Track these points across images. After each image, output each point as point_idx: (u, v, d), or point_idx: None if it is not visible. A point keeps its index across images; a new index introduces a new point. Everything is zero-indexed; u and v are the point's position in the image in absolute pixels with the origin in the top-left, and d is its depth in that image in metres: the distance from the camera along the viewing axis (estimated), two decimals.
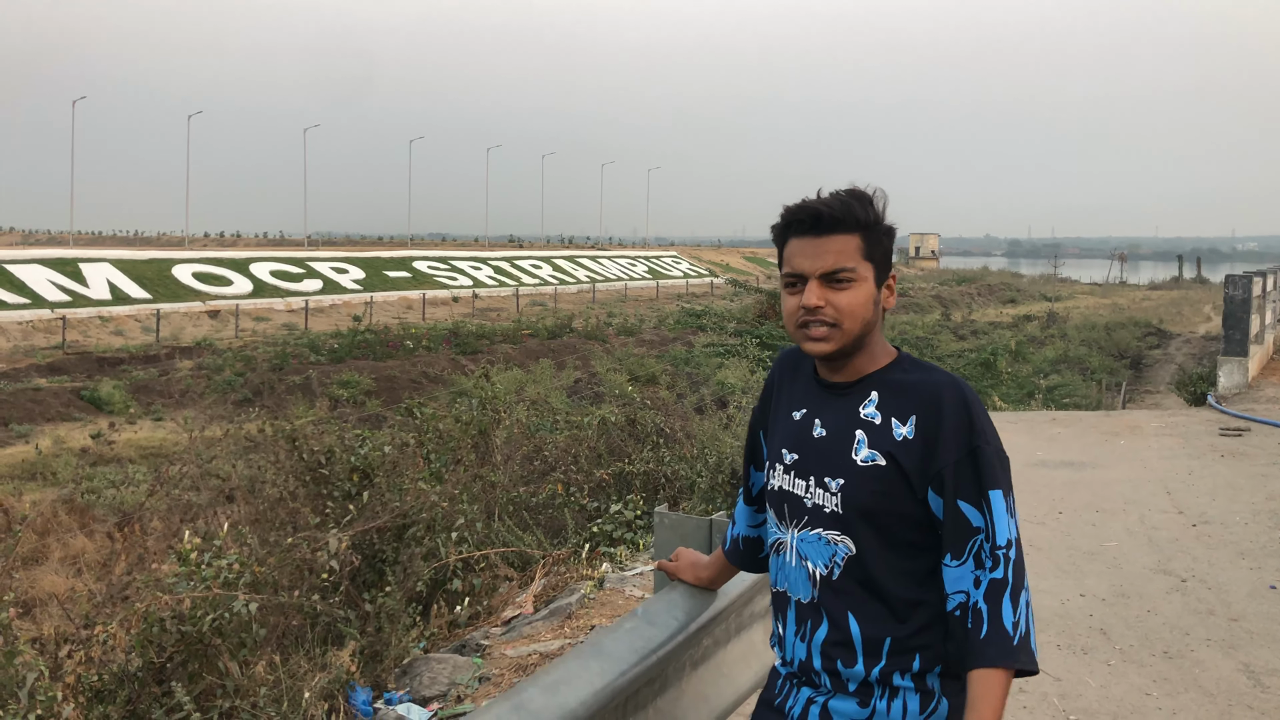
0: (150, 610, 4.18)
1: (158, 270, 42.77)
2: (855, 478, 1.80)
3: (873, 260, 1.83)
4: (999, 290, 70.39)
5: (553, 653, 4.50)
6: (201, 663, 4.24)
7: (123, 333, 34.94)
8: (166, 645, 4.19)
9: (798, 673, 1.92)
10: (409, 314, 44.38)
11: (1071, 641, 4.78)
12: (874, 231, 1.83)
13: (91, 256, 43.27)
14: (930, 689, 1.78)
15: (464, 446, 7.08)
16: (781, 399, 2.01)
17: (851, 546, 1.81)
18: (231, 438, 7.08)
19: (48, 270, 38.95)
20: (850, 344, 1.82)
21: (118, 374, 26.44)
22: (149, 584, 4.35)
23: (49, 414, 21.66)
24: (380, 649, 4.60)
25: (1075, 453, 9.29)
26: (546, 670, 2.08)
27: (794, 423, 1.93)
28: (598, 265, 67.97)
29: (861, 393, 1.85)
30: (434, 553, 5.45)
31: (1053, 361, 26.60)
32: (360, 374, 25.15)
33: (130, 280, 40.54)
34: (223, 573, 4.46)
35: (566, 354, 30.00)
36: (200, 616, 4.21)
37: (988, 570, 1.69)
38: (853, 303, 1.80)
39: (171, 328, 35.88)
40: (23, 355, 29.58)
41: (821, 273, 1.79)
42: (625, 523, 6.90)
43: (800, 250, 1.82)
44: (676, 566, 2.51)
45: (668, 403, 10.89)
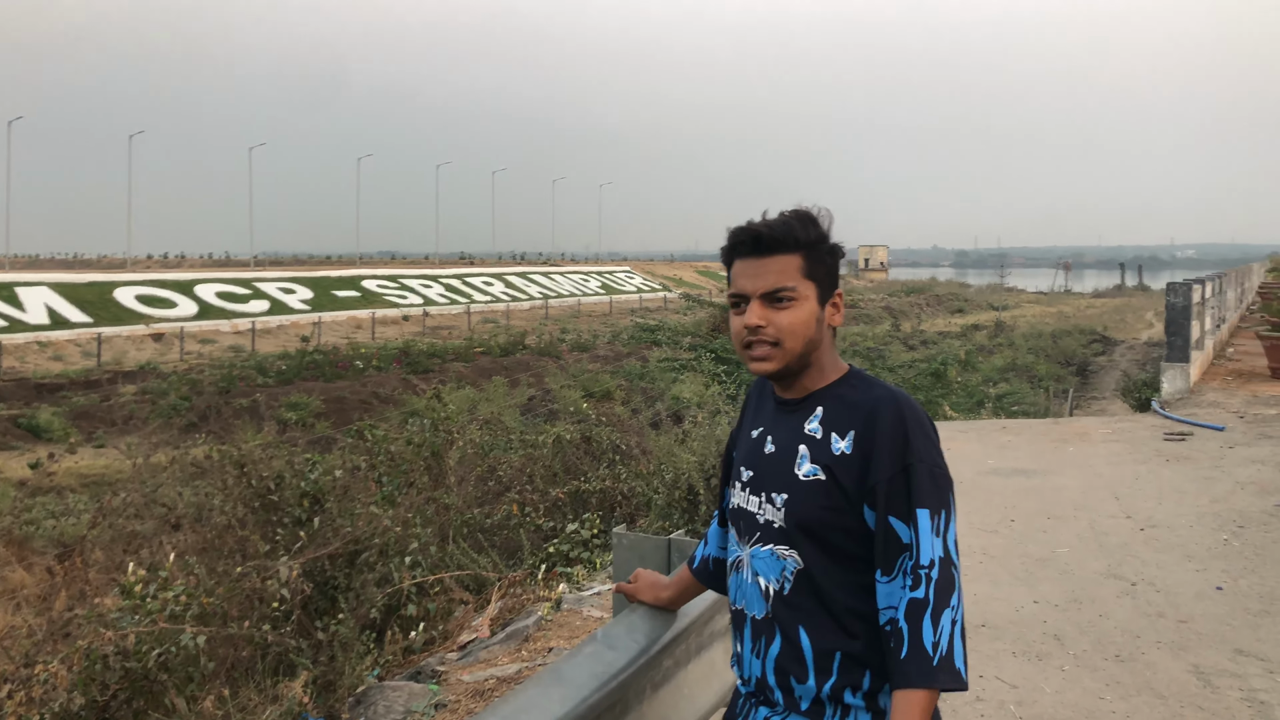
0: (93, 647, 4.06)
1: (99, 293, 41.89)
2: (798, 492, 1.82)
3: (814, 279, 1.85)
4: (947, 300, 71.48)
5: (510, 677, 4.44)
6: (147, 699, 4.12)
7: (62, 358, 34.11)
8: (110, 683, 4.07)
9: (755, 691, 1.93)
10: (358, 334, 43.91)
11: (1026, 648, 4.82)
12: (816, 250, 1.85)
13: (29, 280, 42.29)
14: (883, 709, 1.78)
15: (417, 469, 6.99)
16: (748, 419, 2.05)
17: (799, 560, 1.82)
18: (178, 464, 6.91)
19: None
20: (794, 362, 1.84)
21: (57, 400, 25.79)
22: (91, 619, 4.22)
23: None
24: (334, 678, 4.50)
25: (1026, 460, 9.42)
26: (505, 700, 2.04)
27: (751, 440, 1.97)
28: (550, 281, 67.87)
29: (809, 409, 1.87)
30: (387, 578, 5.36)
31: (1001, 370, 27.01)
32: (309, 396, 24.80)
33: (70, 304, 39.66)
34: (169, 605, 4.35)
35: (520, 371, 29.86)
36: (145, 652, 4.10)
37: (908, 589, 1.70)
38: (794, 322, 1.82)
39: (113, 352, 35.10)
40: None
41: (762, 292, 1.82)
42: (582, 542, 6.85)
43: (743, 271, 1.85)
44: (636, 588, 2.50)
45: (623, 419, 10.87)
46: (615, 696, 2.27)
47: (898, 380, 18.15)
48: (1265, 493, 7.80)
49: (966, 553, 6.33)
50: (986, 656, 4.72)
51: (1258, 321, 19.22)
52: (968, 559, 6.20)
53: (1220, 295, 17.96)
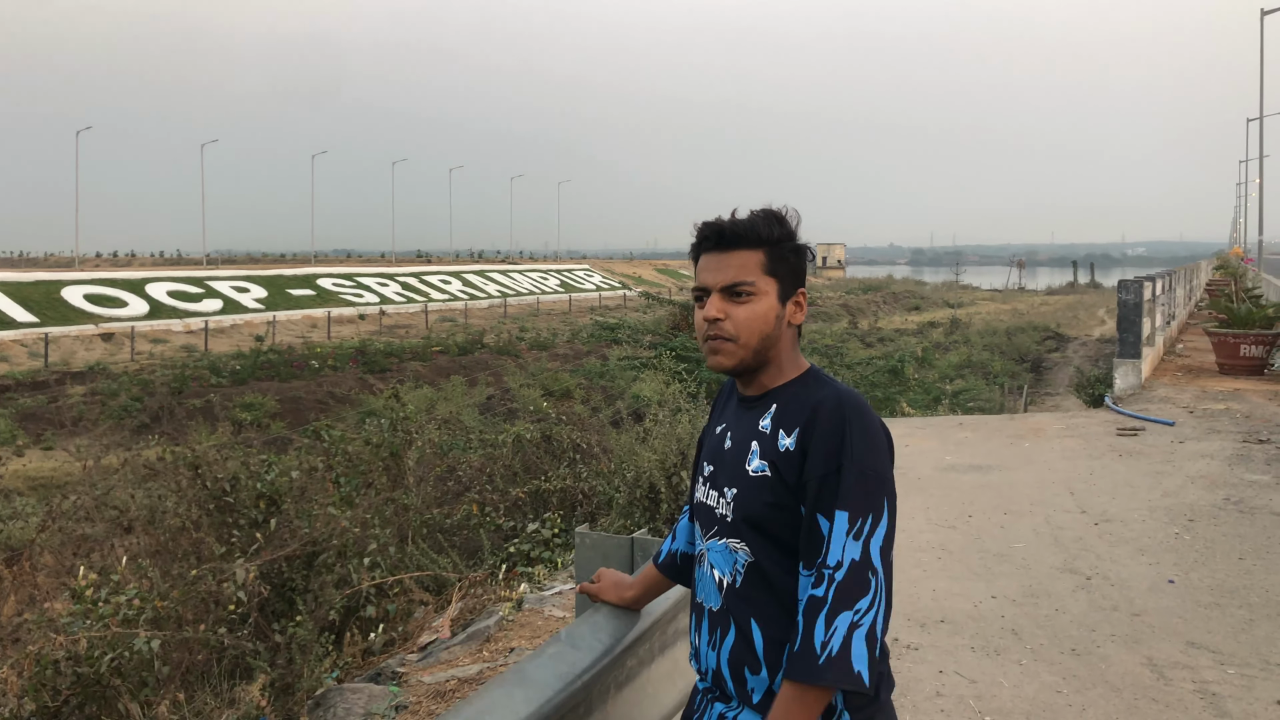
0: (43, 652, 3.96)
1: (45, 292, 40.97)
2: (746, 487, 1.84)
3: (775, 275, 1.87)
4: (904, 298, 72.28)
5: (471, 678, 4.40)
6: (100, 705, 4.04)
7: (7, 358, 33.32)
8: (61, 688, 3.98)
9: (711, 685, 1.95)
10: (314, 333, 43.40)
11: (985, 643, 4.88)
12: (779, 248, 1.87)
13: None
14: (833, 704, 1.79)
15: (375, 469, 6.92)
16: (715, 415, 2.08)
17: (750, 554, 1.84)
18: (130, 466, 6.77)
19: None
20: (750, 358, 1.86)
21: (2, 402, 25.20)
22: (41, 624, 4.12)
23: None
24: (292, 681, 4.44)
25: (982, 456, 9.53)
26: (469, 700, 2.02)
27: (714, 437, 2.00)
28: (509, 279, 67.57)
29: (765, 406, 1.89)
30: (346, 580, 5.29)
31: (957, 367, 27.37)
32: (264, 396, 24.48)
33: (15, 303, 38.74)
34: (121, 609, 4.27)
35: (478, 370, 29.71)
36: (98, 657, 4.01)
37: (811, 586, 1.72)
38: (751, 316, 1.84)
39: (61, 352, 34.38)
40: None
41: (722, 285, 1.85)
42: (543, 541, 6.83)
43: (706, 265, 1.89)
44: (599, 588, 2.49)
45: (583, 418, 10.84)
46: (579, 697, 2.26)
47: (855, 377, 18.29)
48: (1214, 486, 7.97)
49: (924, 548, 6.39)
50: (945, 651, 4.77)
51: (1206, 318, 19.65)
52: (926, 554, 6.26)
53: (1170, 292, 18.32)
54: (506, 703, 2.05)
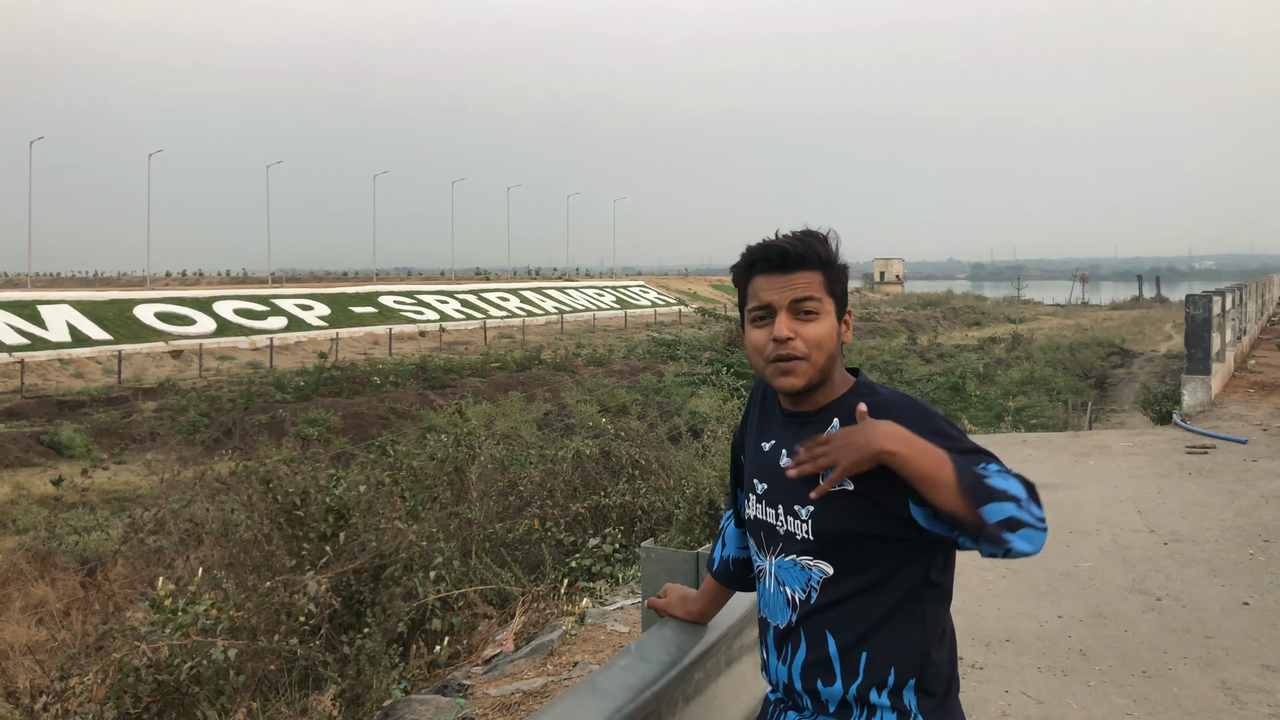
0: (126, 660, 4.10)
1: (118, 311, 42.24)
2: (823, 504, 1.84)
3: (834, 295, 1.90)
4: (964, 313, 71.28)
5: (536, 690, 4.46)
6: (179, 712, 4.16)
7: (83, 375, 34.41)
8: (142, 695, 4.12)
9: (784, 697, 1.96)
10: (375, 350, 44.11)
11: (1052, 664, 4.81)
12: (833, 269, 1.91)
13: (50, 298, 42.66)
14: (907, 707, 1.81)
15: (439, 484, 7.03)
16: (753, 426, 2.08)
17: (827, 569, 1.85)
18: (203, 481, 6.97)
19: (5, 313, 38.37)
20: (817, 376, 1.88)
21: (78, 417, 26.00)
22: (125, 633, 4.27)
23: (7, 460, 21.24)
24: (361, 692, 4.53)
25: (1047, 474, 9.38)
26: (544, 709, 2.07)
27: (764, 453, 1.99)
28: (565, 296, 68.02)
29: (824, 421, 1.90)
30: (412, 593, 5.39)
31: (1019, 383, 26.90)
32: (328, 412, 24.92)
33: (90, 321, 40.00)
34: (199, 619, 4.40)
35: (536, 386, 29.92)
36: (178, 665, 4.14)
37: None
38: (819, 334, 1.86)
39: (133, 369, 35.39)
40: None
41: (790, 301, 1.86)
42: (604, 557, 6.87)
43: (768, 285, 1.89)
44: (666, 603, 2.53)
45: (641, 434, 10.89)
46: (649, 708, 2.29)
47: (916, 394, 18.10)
48: None
49: (988, 566, 6.32)
50: (1011, 671, 4.71)
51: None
52: (990, 573, 6.19)
53: (1241, 307, 17.85)
54: (580, 712, 2.10)
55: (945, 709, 1.84)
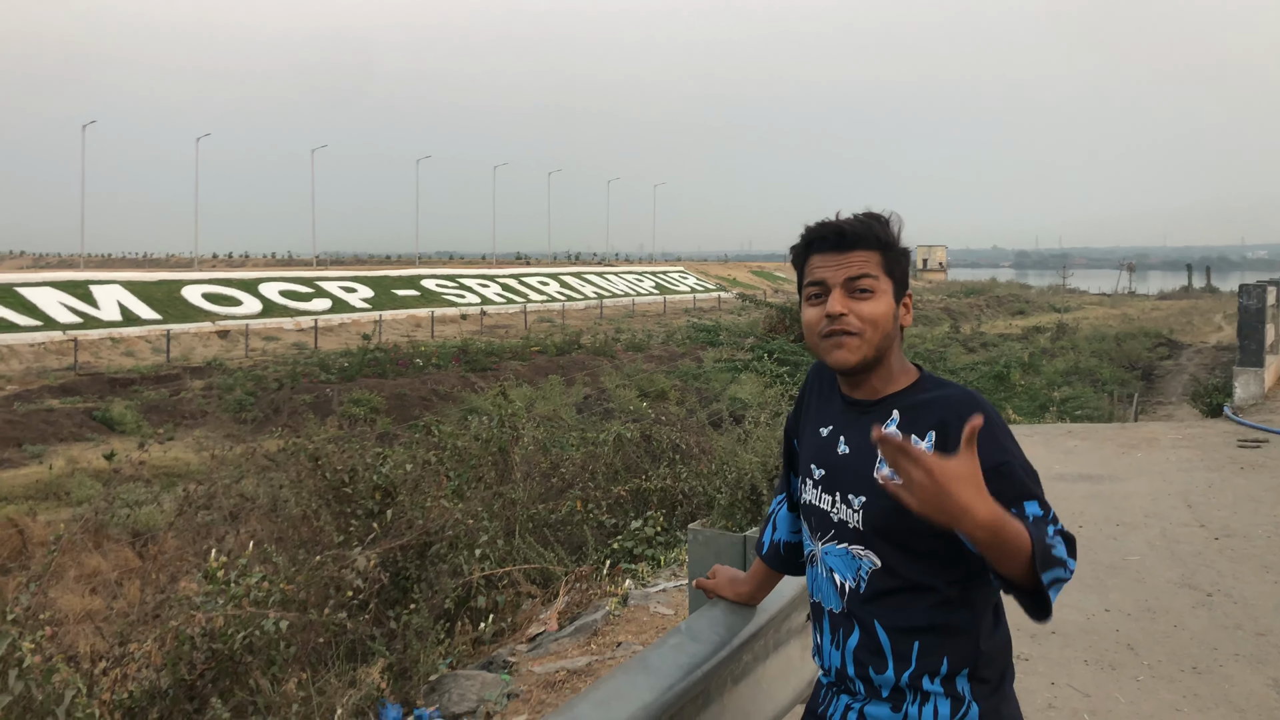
0: (182, 628, 4.20)
1: (167, 291, 42.97)
2: (876, 495, 1.84)
3: (892, 277, 1.89)
4: (1007, 302, 70.36)
5: (580, 669, 4.50)
6: (232, 680, 4.25)
7: (133, 353, 35.07)
8: (197, 662, 4.21)
9: (836, 681, 1.97)
10: (418, 332, 44.49)
11: (1099, 657, 4.77)
12: (892, 251, 1.90)
13: (102, 278, 43.51)
14: (960, 694, 1.81)
15: (484, 464, 7.10)
16: (811, 413, 2.07)
17: (876, 560, 1.85)
18: (252, 457, 7.10)
19: (59, 293, 39.18)
20: (871, 354, 1.86)
21: (129, 394, 26.51)
22: (180, 602, 4.37)
23: (62, 434, 21.74)
24: (408, 666, 4.61)
25: (1093, 465, 9.27)
26: (596, 685, 2.10)
27: (821, 439, 1.99)
28: (605, 281, 68.08)
29: (883, 412, 1.89)
30: (458, 570, 5.46)
31: (1064, 373, 26.50)
32: (371, 392, 25.20)
33: (140, 301, 40.74)
34: (251, 591, 4.48)
35: (575, 370, 30.03)
36: (231, 634, 4.23)
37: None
38: (873, 312, 1.85)
39: (182, 348, 36.00)
40: (35, 377, 29.71)
41: (845, 279, 1.86)
42: (645, 539, 6.91)
43: (824, 263, 1.89)
44: (715, 584, 2.54)
45: (681, 418, 10.90)
46: (699, 687, 2.31)
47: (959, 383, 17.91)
48: None
49: None
50: (1057, 663, 4.68)
51: None
52: None
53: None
54: (631, 689, 2.12)
55: (1000, 695, 1.85)
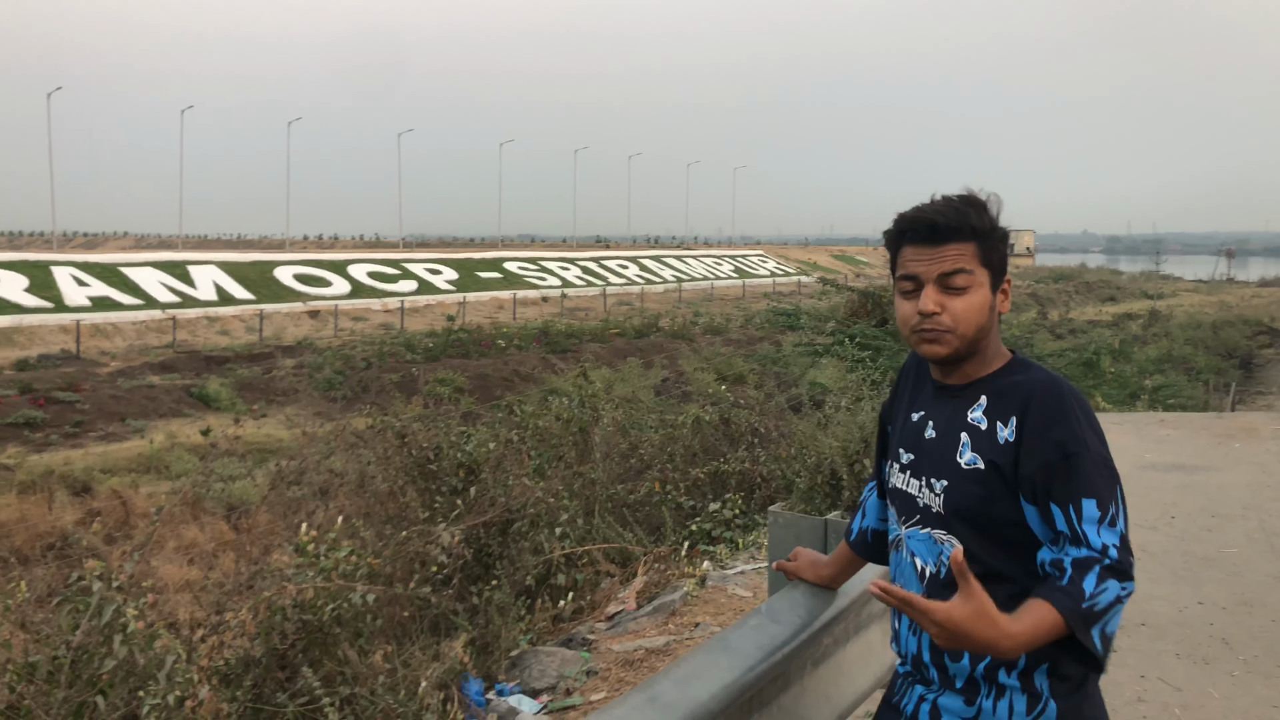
0: (274, 599, 4.35)
1: (260, 272, 44.27)
2: (958, 480, 1.82)
3: (988, 266, 1.85)
4: (1097, 288, 68.29)
5: (658, 649, 4.54)
6: (322, 650, 4.39)
7: (228, 332, 36.25)
8: (289, 632, 4.36)
9: (912, 669, 1.96)
10: (500, 314, 45.05)
11: (1192, 651, 4.63)
12: (989, 239, 1.85)
13: (199, 259, 45.06)
14: (1038, 690, 1.78)
15: (564, 444, 7.19)
16: (905, 399, 2.06)
17: (956, 545, 1.82)
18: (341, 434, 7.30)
19: (159, 273, 40.69)
20: (964, 349, 1.84)
21: (224, 372, 27.44)
22: (273, 574, 4.53)
23: (161, 410, 22.61)
24: (490, 641, 4.71)
25: (1186, 455, 8.97)
26: (677, 664, 2.12)
27: (912, 424, 1.98)
28: (683, 265, 67.98)
29: (971, 396, 1.86)
30: (538, 548, 5.55)
31: (1156, 361, 25.64)
32: (455, 372, 25.66)
33: (235, 282, 42.06)
34: (340, 564, 4.62)
35: (653, 353, 30.10)
36: (321, 606, 4.36)
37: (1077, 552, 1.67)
38: (968, 308, 1.82)
39: (274, 327, 37.08)
40: (137, 354, 30.94)
41: (938, 275, 1.82)
42: (724, 521, 6.92)
43: (916, 256, 1.85)
44: (796, 566, 2.54)
45: (760, 402, 10.87)
46: (779, 669, 2.32)
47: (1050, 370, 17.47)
48: None
49: None
50: (1147, 656, 4.56)
51: None
52: None
53: None
54: (711, 668, 2.14)
55: (1082, 694, 1.80)
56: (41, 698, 3.39)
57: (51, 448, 19.11)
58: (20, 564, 9.44)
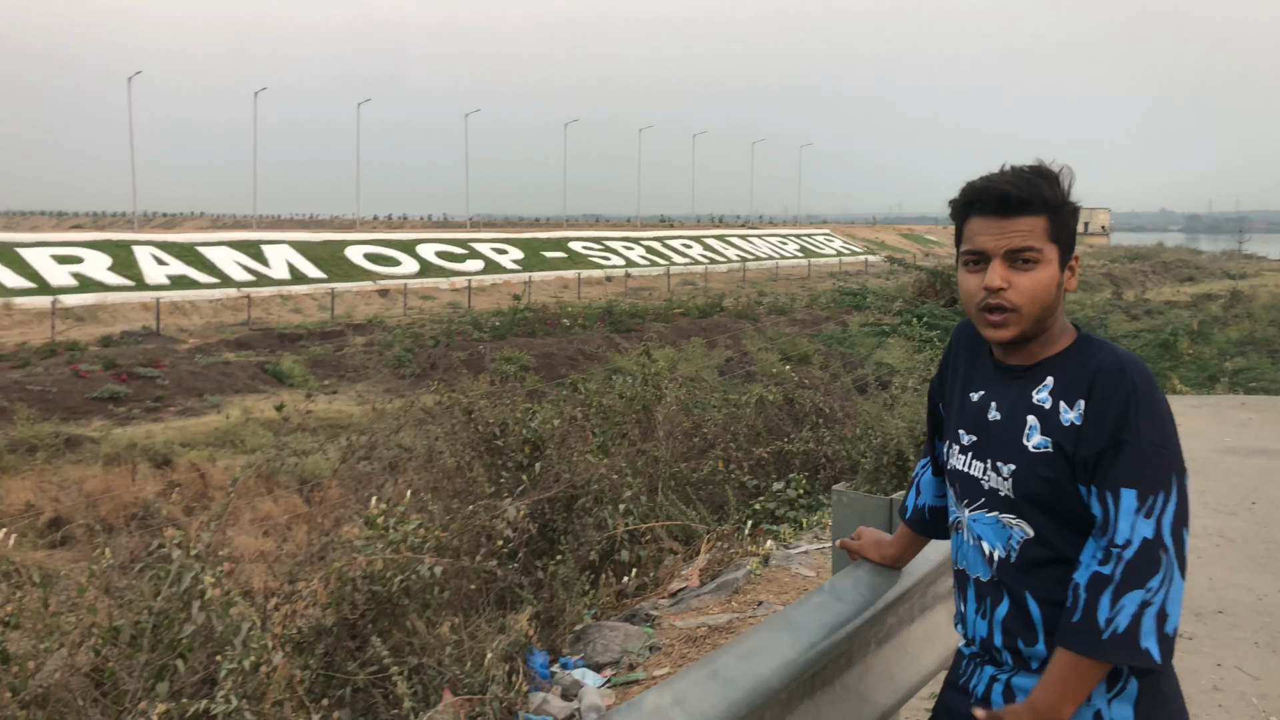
0: (344, 570, 4.46)
1: (332, 251, 45.12)
2: (1026, 463, 1.78)
3: (1058, 242, 1.79)
4: (1176, 268, 66.29)
5: (721, 626, 4.56)
6: (391, 621, 4.49)
7: (301, 310, 37.05)
8: (359, 603, 4.47)
9: (980, 651, 1.93)
10: (565, 293, 45.31)
11: (1271, 639, 4.50)
12: (1060, 213, 1.79)
13: (272, 239, 46.07)
14: (1118, 668, 1.75)
15: (628, 421, 7.22)
16: (959, 376, 2.01)
17: (1028, 530, 1.80)
18: (410, 410, 7.44)
19: (234, 252, 41.72)
20: (1030, 328, 1.80)
21: (297, 349, 28.08)
22: (343, 545, 4.63)
23: (237, 386, 23.24)
24: (555, 615, 4.76)
25: (1269, 439, 8.70)
26: (740, 639, 2.13)
27: (972, 404, 1.93)
28: (748, 244, 67.57)
29: (1037, 377, 1.82)
30: (602, 524, 5.59)
31: (1237, 343, 24.81)
32: (521, 350, 25.92)
33: (307, 261, 42.94)
34: (409, 537, 4.71)
35: (717, 333, 30.02)
36: (390, 577, 4.46)
37: (1097, 562, 1.67)
38: (1036, 285, 1.77)
39: (345, 306, 37.81)
40: (213, 331, 31.82)
41: (1006, 251, 1.77)
42: (788, 501, 6.90)
43: (984, 229, 1.80)
44: (860, 545, 2.52)
45: (824, 382, 10.79)
46: (842, 647, 2.32)
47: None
48: None
49: (1200, 534, 5.94)
50: (1224, 644, 4.45)
51: None
52: (1202, 540, 5.82)
53: None
54: (775, 644, 2.15)
55: (1161, 672, 1.77)
56: (125, 660, 3.52)
57: (134, 421, 19.79)
58: (106, 532, 9.80)
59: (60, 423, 18.24)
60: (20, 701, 3.24)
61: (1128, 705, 1.75)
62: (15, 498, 12.72)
